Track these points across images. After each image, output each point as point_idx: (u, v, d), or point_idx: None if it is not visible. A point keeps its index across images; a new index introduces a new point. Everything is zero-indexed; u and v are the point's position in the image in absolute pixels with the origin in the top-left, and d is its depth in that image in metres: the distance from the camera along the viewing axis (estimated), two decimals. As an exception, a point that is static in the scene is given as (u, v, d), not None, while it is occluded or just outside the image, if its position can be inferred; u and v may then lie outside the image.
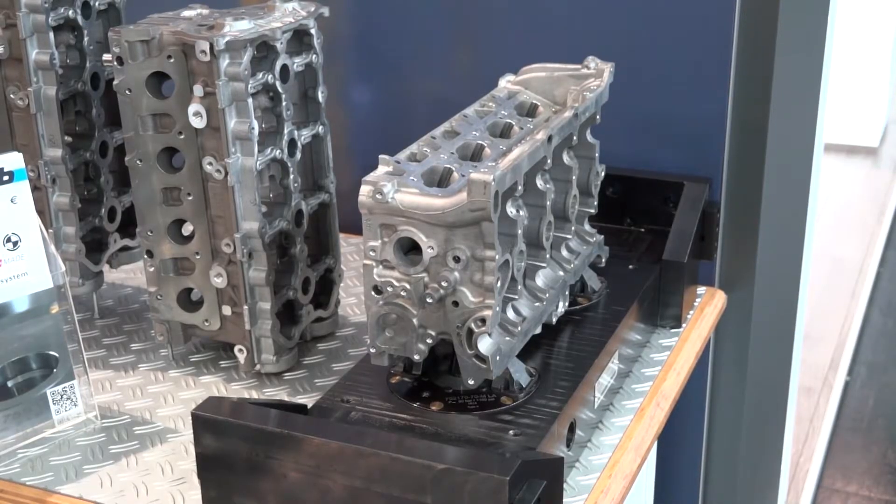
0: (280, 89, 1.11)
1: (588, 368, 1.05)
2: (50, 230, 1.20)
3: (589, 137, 1.14)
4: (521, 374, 1.01)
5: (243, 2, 1.53)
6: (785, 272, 1.48)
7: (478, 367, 0.95)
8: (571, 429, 1.01)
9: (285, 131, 1.13)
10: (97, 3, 1.22)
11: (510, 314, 1.00)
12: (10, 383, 1.06)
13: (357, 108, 1.54)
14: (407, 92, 1.51)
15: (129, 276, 1.43)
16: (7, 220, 1.04)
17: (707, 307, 1.34)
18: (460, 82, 1.47)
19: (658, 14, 1.34)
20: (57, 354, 1.08)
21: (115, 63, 1.09)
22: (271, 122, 1.13)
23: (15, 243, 1.05)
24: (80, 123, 1.25)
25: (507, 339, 0.98)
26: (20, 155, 1.05)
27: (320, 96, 1.18)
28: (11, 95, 1.17)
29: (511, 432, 0.95)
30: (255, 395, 1.16)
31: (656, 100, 1.38)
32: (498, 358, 0.95)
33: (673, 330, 1.28)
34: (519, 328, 0.99)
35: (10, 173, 1.04)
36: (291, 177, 1.15)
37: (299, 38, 1.15)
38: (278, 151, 1.13)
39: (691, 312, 1.32)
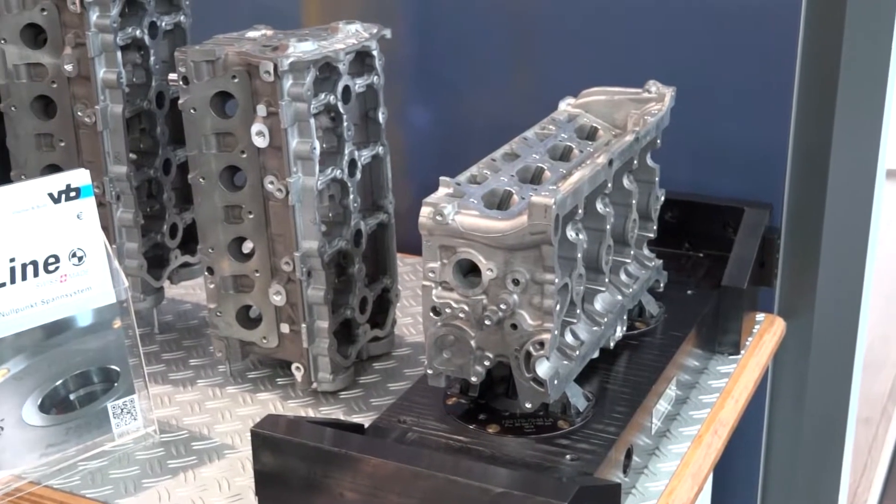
0: (342, 110, 1.12)
1: (645, 394, 1.04)
2: (113, 246, 1.22)
3: (649, 162, 1.14)
4: (578, 398, 1.01)
5: (306, 23, 1.55)
6: (845, 299, 1.46)
7: (535, 391, 0.95)
8: (628, 455, 1.00)
9: (346, 151, 1.14)
10: (163, 23, 1.24)
11: (568, 338, 1.00)
12: (72, 396, 1.08)
13: (415, 129, 1.55)
14: (465, 114, 1.52)
15: (189, 292, 1.44)
16: (73, 236, 1.06)
17: (766, 334, 1.33)
18: (519, 105, 1.47)
19: (720, 38, 1.34)
20: (118, 369, 1.10)
21: (181, 82, 1.11)
22: (332, 143, 1.14)
23: (80, 258, 1.07)
24: (144, 141, 1.27)
25: (565, 362, 0.97)
26: (87, 172, 1.07)
27: (381, 117, 1.19)
28: (79, 113, 1.19)
29: (568, 457, 0.94)
30: (311, 413, 1.17)
31: (717, 124, 1.37)
32: (556, 382, 0.95)
33: (731, 357, 1.26)
34: (577, 352, 0.99)
35: (77, 189, 1.06)
36: (351, 197, 1.16)
37: (361, 60, 1.16)
38: (339, 171, 1.14)
39: (750, 339, 1.31)
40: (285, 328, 1.16)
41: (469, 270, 0.95)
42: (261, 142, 1.09)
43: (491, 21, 1.47)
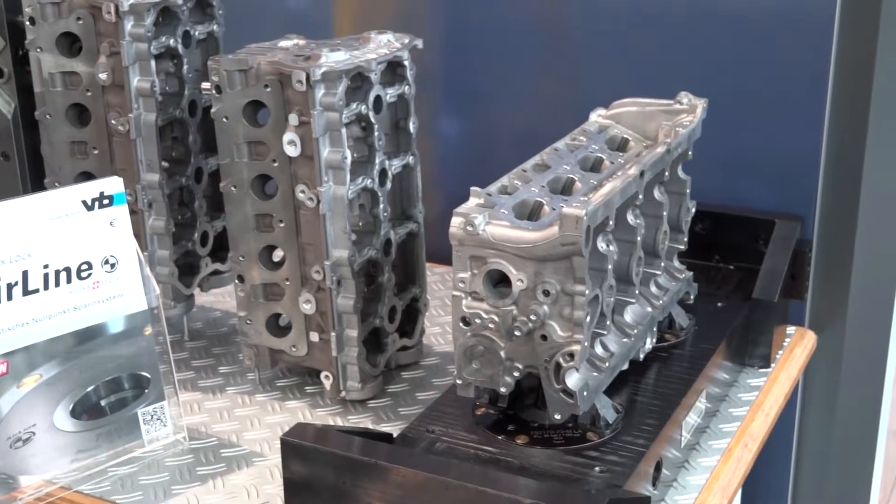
0: (373, 120, 1.13)
1: (675, 407, 1.04)
2: (144, 253, 1.23)
3: (680, 173, 1.14)
4: (607, 410, 1.00)
5: (338, 33, 1.56)
6: (877, 313, 1.45)
7: (565, 402, 0.94)
8: (658, 467, 0.99)
9: (377, 161, 1.14)
10: (197, 33, 1.25)
11: (598, 349, 0.99)
12: (103, 402, 1.09)
13: (445, 138, 1.56)
14: (495, 124, 1.52)
15: (219, 299, 1.45)
16: (106, 243, 1.07)
17: (797, 347, 1.32)
18: (549, 115, 1.47)
19: (751, 47, 1.33)
20: (149, 375, 1.10)
21: (214, 91, 1.11)
22: (363, 152, 1.15)
23: (112, 265, 1.08)
24: (176, 149, 1.28)
25: (595, 374, 0.97)
26: (120, 179, 1.08)
27: (412, 127, 1.19)
28: (113, 121, 1.20)
29: (597, 469, 0.94)
30: (339, 421, 1.17)
31: (748, 134, 1.36)
32: (585, 393, 0.94)
33: (761, 370, 1.26)
34: (607, 364, 0.98)
35: (110, 197, 1.07)
36: (381, 206, 1.16)
37: (393, 70, 1.16)
38: (369, 181, 1.14)
39: (780, 352, 1.30)
40: (314, 337, 1.17)
41: (499, 281, 0.95)
42: (292, 151, 1.10)
43: (521, 31, 1.47)
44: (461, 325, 0.96)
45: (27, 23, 1.19)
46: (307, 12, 1.61)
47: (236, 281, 1.19)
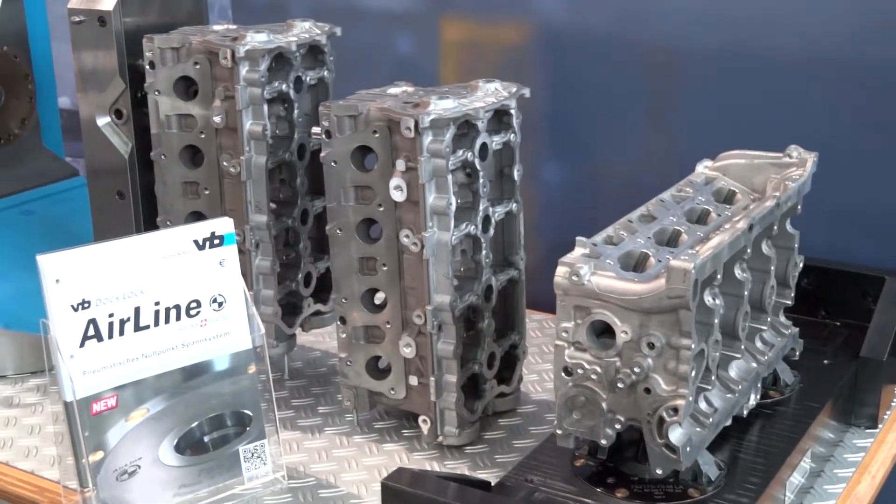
0: (478, 167, 1.13)
1: (779, 466, 1.02)
2: (250, 292, 1.25)
3: (789, 228, 1.12)
4: (710, 466, 0.99)
5: (444, 79, 1.58)
6: None
7: (667, 457, 0.93)
8: (761, 528, 0.97)
9: (481, 207, 1.15)
10: (308, 78, 1.28)
11: (702, 405, 0.98)
12: (206, 438, 1.10)
13: (547, 186, 1.56)
14: (598, 172, 1.52)
15: (319, 339, 1.47)
16: (215, 282, 1.10)
17: (905, 408, 1.28)
18: (652, 165, 1.47)
19: (864, 103, 1.31)
20: (251, 413, 1.12)
21: (324, 136, 1.14)
22: (467, 198, 1.15)
23: (220, 304, 1.10)
24: (284, 191, 1.30)
25: (698, 430, 0.96)
26: (231, 220, 1.11)
27: (516, 174, 1.20)
28: (224, 163, 1.24)
29: (699, 527, 0.92)
30: (436, 466, 1.17)
31: (857, 188, 1.34)
32: (688, 449, 0.93)
33: (868, 430, 1.22)
34: (710, 419, 0.97)
35: (221, 237, 1.10)
36: (484, 252, 1.17)
37: (499, 118, 1.17)
38: (473, 227, 1.15)
39: (888, 413, 1.26)
40: (413, 380, 1.17)
41: (602, 331, 0.94)
42: (398, 196, 1.11)
43: (627, 80, 1.47)
44: (563, 374, 0.96)
45: (147, 66, 1.23)
46: (414, 59, 1.63)
47: (338, 322, 1.20)
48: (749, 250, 1.01)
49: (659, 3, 1.43)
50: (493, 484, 0.99)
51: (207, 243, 1.09)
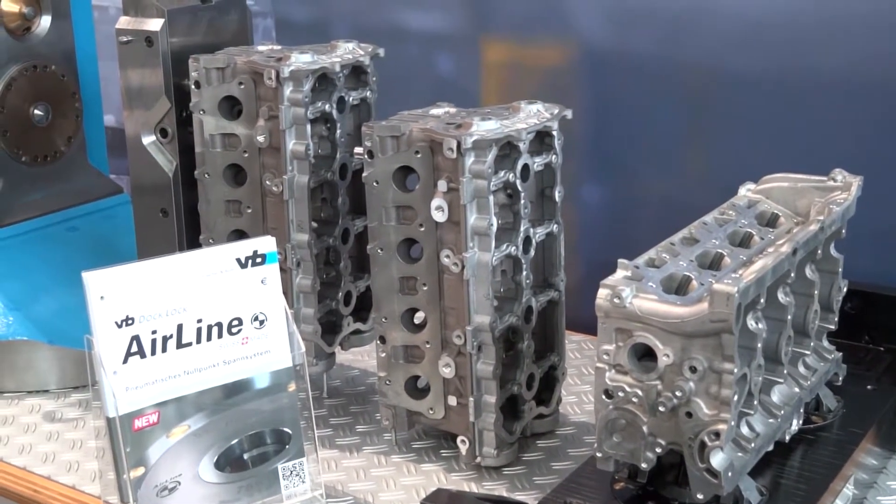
0: (520, 188, 1.14)
1: (822, 492, 1.01)
2: (290, 310, 1.26)
3: (833, 252, 1.11)
4: (751, 492, 0.98)
5: (485, 100, 1.58)
6: None
7: (708, 482, 0.92)
8: (803, 555, 0.96)
9: (521, 228, 1.15)
10: (351, 99, 1.29)
11: (744, 429, 0.97)
12: (245, 456, 1.11)
13: (588, 207, 1.56)
14: (639, 194, 1.51)
15: (357, 358, 1.47)
16: (256, 300, 1.10)
17: (950, 436, 1.26)
18: (693, 187, 1.46)
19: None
20: (290, 431, 1.13)
21: (366, 156, 1.14)
22: (508, 219, 1.16)
23: (262, 322, 1.11)
24: (325, 210, 1.31)
25: (740, 454, 0.95)
26: (273, 239, 1.11)
27: (557, 196, 1.20)
28: (267, 182, 1.24)
29: (740, 553, 0.91)
30: (474, 487, 1.17)
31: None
32: (730, 474, 0.92)
33: (912, 457, 1.21)
34: (752, 444, 0.96)
35: (263, 256, 1.11)
36: (524, 273, 1.17)
37: (541, 139, 1.17)
38: (513, 248, 1.15)
39: (933, 440, 1.24)
40: (452, 400, 1.17)
41: (644, 354, 0.94)
42: (440, 216, 1.11)
43: (668, 101, 1.47)
44: (604, 397, 0.95)
45: (192, 86, 1.25)
46: (456, 80, 1.64)
47: (377, 341, 1.20)
48: (793, 274, 1.00)
49: (700, 25, 1.43)
50: (532, 506, 0.99)
51: (250, 262, 1.10)
